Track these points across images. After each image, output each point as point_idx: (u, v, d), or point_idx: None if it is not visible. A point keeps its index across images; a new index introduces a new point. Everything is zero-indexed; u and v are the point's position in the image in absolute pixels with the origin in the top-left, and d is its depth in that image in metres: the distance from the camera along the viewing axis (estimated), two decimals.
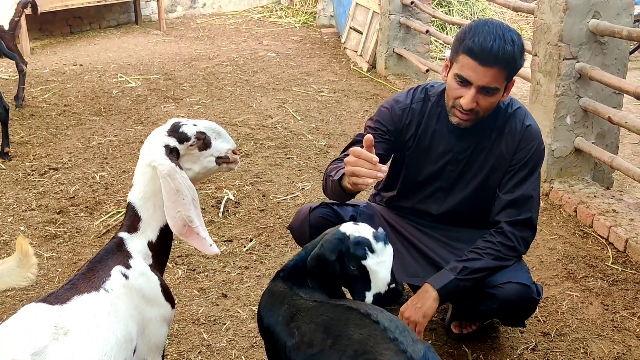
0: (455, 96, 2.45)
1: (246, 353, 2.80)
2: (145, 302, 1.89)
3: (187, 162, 1.98)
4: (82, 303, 1.69)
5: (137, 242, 1.95)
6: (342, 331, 1.71)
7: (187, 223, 1.93)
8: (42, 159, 4.87)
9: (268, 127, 5.59)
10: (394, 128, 2.65)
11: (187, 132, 1.96)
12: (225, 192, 4.30)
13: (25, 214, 4.01)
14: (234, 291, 3.25)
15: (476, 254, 2.53)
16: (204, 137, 1.99)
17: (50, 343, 1.52)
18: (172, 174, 1.89)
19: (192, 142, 1.96)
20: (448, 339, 2.92)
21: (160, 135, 1.96)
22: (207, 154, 2.01)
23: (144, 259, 1.94)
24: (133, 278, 1.87)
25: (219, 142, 2.04)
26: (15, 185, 4.42)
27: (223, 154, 2.05)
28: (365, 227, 2.02)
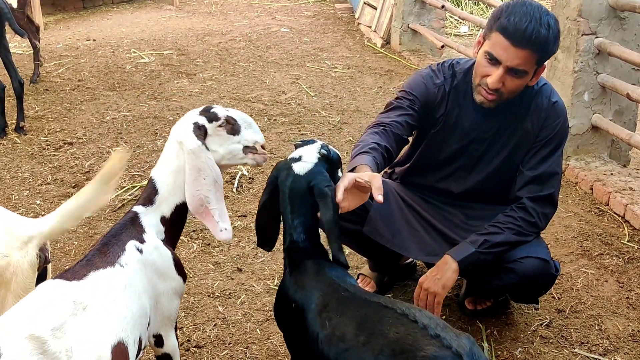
0: (483, 74, 2.42)
1: (261, 326, 2.82)
2: (158, 276, 1.90)
3: (214, 144, 1.98)
4: (98, 278, 1.70)
5: (151, 217, 1.96)
6: (375, 329, 1.64)
7: (204, 203, 1.94)
8: (57, 134, 4.89)
9: (281, 103, 5.57)
10: (427, 105, 2.62)
11: (217, 112, 1.98)
12: (239, 168, 4.30)
13: (40, 188, 4.03)
14: (248, 265, 3.26)
15: (497, 228, 2.52)
16: (234, 122, 2.01)
17: (69, 319, 1.52)
18: (197, 151, 1.91)
19: (221, 123, 1.97)
20: (462, 315, 2.92)
21: (192, 114, 2.00)
22: (234, 139, 2.01)
23: (157, 233, 1.96)
24: (147, 252, 1.88)
25: (249, 132, 2.05)
26: (31, 160, 4.45)
27: (251, 144, 2.05)
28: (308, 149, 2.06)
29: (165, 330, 1.98)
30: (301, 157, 2.00)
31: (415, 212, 2.79)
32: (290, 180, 1.98)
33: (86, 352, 1.51)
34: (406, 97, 2.62)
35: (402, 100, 2.62)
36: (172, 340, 2.01)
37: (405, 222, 2.76)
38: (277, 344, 2.70)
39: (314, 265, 1.94)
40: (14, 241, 1.80)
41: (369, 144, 2.42)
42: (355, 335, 1.66)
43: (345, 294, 1.81)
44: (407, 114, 2.57)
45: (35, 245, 1.82)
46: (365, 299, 1.78)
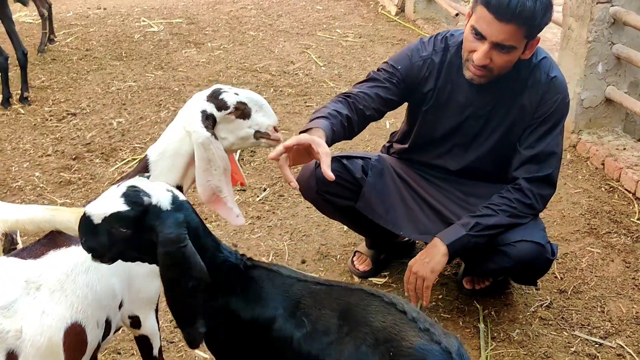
0: (469, 49, 2.30)
1: None
2: None
3: (223, 131, 1.90)
4: (57, 257, 1.64)
5: None
6: (360, 317, 1.53)
7: (216, 192, 1.89)
8: (61, 104, 4.85)
9: (289, 73, 5.46)
10: (410, 79, 2.52)
11: (226, 100, 1.88)
12: None
13: (41, 160, 4.01)
14: (244, 241, 3.21)
15: (491, 210, 2.42)
16: (244, 107, 1.90)
17: (21, 298, 1.48)
18: (206, 144, 1.83)
19: (230, 111, 1.88)
20: (460, 294, 2.85)
21: (199, 100, 1.90)
22: (245, 124, 1.91)
23: None
24: None
25: (260, 115, 1.93)
26: (33, 131, 4.42)
27: (263, 129, 1.94)
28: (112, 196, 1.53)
29: (143, 312, 1.91)
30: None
31: (410, 189, 2.71)
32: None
33: (37, 333, 1.46)
34: (386, 70, 2.51)
35: (381, 73, 2.51)
36: (151, 322, 1.95)
37: (400, 198, 2.68)
38: None
39: (260, 272, 1.68)
40: None
41: (330, 110, 2.33)
42: (339, 327, 1.54)
43: (317, 286, 1.64)
44: (382, 87, 2.47)
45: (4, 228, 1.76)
46: (347, 287, 1.65)
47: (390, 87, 2.49)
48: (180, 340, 2.59)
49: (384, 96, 2.49)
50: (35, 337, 1.45)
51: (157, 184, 1.52)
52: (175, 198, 1.51)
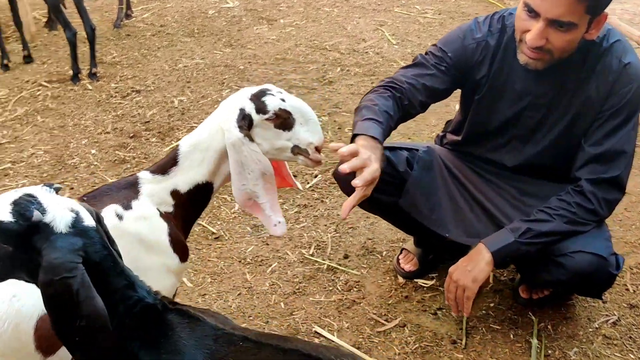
0: (522, 29, 2.01)
1: (286, 299, 2.62)
2: (144, 248, 1.71)
3: (258, 136, 1.75)
4: None
5: (156, 186, 1.77)
6: None
7: (252, 197, 1.78)
8: (128, 81, 4.85)
9: (359, 52, 5.22)
10: (462, 64, 2.26)
11: (267, 104, 1.72)
12: None
13: (99, 137, 4.00)
14: (288, 231, 3.05)
15: (546, 214, 2.14)
16: (287, 116, 1.74)
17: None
18: (237, 145, 1.71)
19: (269, 117, 1.72)
20: (514, 304, 2.58)
21: (242, 97, 1.76)
22: (283, 136, 1.76)
23: (158, 204, 1.77)
24: (128, 220, 1.69)
25: (303, 129, 1.76)
26: (97, 107, 4.43)
27: (303, 145, 1.78)
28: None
29: None
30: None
31: (460, 186, 2.45)
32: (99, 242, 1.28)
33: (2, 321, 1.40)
34: (434, 54, 2.25)
35: (429, 57, 2.26)
36: None
37: (447, 196, 2.43)
38: (299, 321, 2.50)
39: (180, 318, 1.34)
40: None
41: (382, 110, 2.11)
42: None
43: (246, 344, 1.31)
44: (429, 75, 2.22)
45: None
46: (279, 347, 1.30)
47: (439, 74, 2.24)
48: None
49: (431, 86, 2.24)
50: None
51: (63, 200, 1.24)
52: (77, 221, 1.21)
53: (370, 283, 2.71)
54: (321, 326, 2.47)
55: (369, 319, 2.51)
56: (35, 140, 3.99)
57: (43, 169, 3.64)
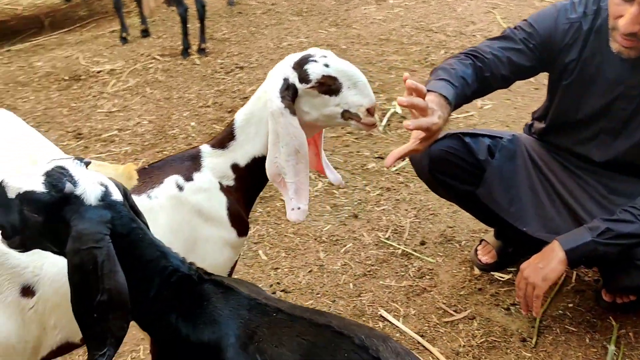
0: (615, 14, 1.86)
1: (356, 281, 2.62)
2: (202, 219, 1.75)
3: (305, 105, 1.70)
4: None
5: (217, 159, 1.78)
6: None
7: (281, 173, 1.73)
8: (234, 57, 4.99)
9: (466, 35, 5.06)
10: (550, 44, 2.13)
11: (310, 73, 1.66)
12: (393, 105, 4.01)
13: (200, 110, 4.16)
14: (366, 212, 3.04)
15: (631, 214, 2.00)
16: (332, 82, 1.66)
17: None
18: (276, 115, 1.67)
19: (313, 85, 1.66)
20: (595, 306, 2.43)
21: (286, 66, 1.71)
22: (331, 102, 1.68)
23: (219, 178, 1.78)
24: (188, 192, 1.72)
25: (352, 93, 1.68)
26: (202, 81, 4.60)
27: (353, 109, 1.69)
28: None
29: None
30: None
31: (544, 178, 2.33)
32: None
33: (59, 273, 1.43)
34: (524, 29, 2.13)
35: (518, 32, 2.13)
36: None
37: (529, 188, 2.32)
38: (365, 303, 2.49)
39: (215, 288, 1.38)
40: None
41: (459, 75, 2.02)
42: None
43: (280, 315, 1.33)
44: (515, 49, 2.10)
45: None
46: (313, 321, 1.31)
47: (526, 51, 2.12)
48: None
49: (517, 61, 2.13)
50: (56, 277, 1.43)
51: (94, 175, 1.27)
52: (106, 195, 1.24)
53: (444, 272, 2.64)
54: (387, 310, 2.45)
55: (437, 308, 2.46)
56: (142, 110, 4.21)
57: (145, 138, 3.84)
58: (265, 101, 1.72)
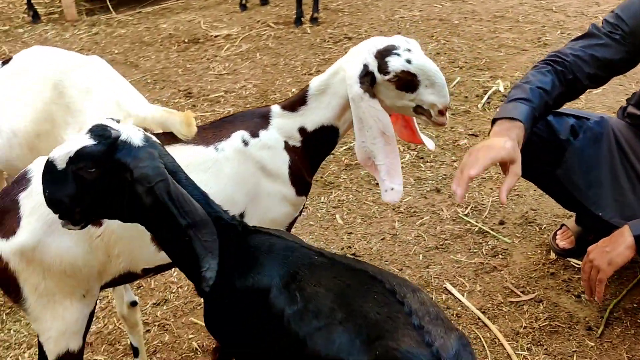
0: None
1: (427, 253, 2.63)
2: (265, 174, 1.82)
3: (382, 93, 1.73)
4: (178, 151, 1.68)
5: (285, 120, 1.83)
6: (357, 305, 1.30)
7: (370, 156, 1.77)
8: (344, 28, 5.05)
9: (587, 15, 4.80)
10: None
11: (390, 65, 1.66)
12: (497, 83, 3.92)
13: (302, 77, 4.27)
14: (449, 188, 3.02)
15: None
16: (411, 78, 1.67)
17: None
18: (356, 100, 1.70)
19: (390, 78, 1.68)
20: None
21: (368, 51, 1.71)
22: (406, 97, 1.71)
23: (285, 137, 1.83)
24: (253, 147, 1.80)
25: (428, 92, 1.70)
26: (309, 50, 4.70)
27: (425, 106, 1.72)
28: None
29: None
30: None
31: (628, 164, 2.22)
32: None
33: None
34: (608, 21, 2.04)
35: (602, 26, 2.05)
36: None
37: (610, 172, 2.22)
38: (432, 274, 2.51)
39: (260, 235, 1.47)
40: (117, 113, 1.90)
41: (534, 85, 1.99)
42: (332, 311, 1.31)
43: (320, 259, 1.41)
44: (598, 45, 2.02)
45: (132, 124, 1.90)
46: (350, 266, 1.39)
47: (611, 44, 2.03)
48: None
49: (601, 57, 2.05)
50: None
51: (126, 125, 1.36)
52: (147, 137, 1.34)
53: (519, 253, 2.59)
54: (453, 284, 2.45)
55: (504, 288, 2.43)
56: (249, 75, 4.39)
57: (248, 100, 4.01)
58: (342, 77, 1.75)
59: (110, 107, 1.86)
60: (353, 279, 1.35)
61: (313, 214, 2.92)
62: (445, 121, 1.77)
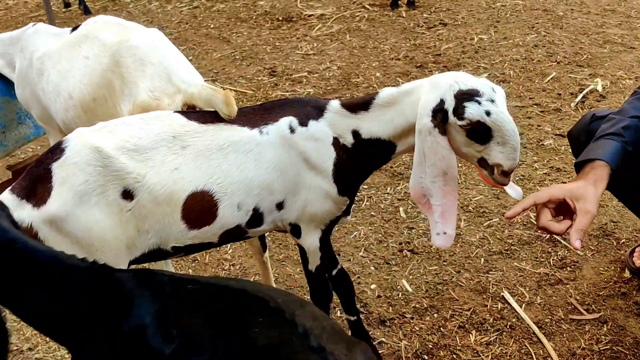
0: None
1: (490, 257, 2.50)
2: (308, 166, 1.73)
3: (451, 134, 1.61)
4: (221, 130, 1.66)
5: (341, 118, 1.73)
6: (241, 331, 1.17)
7: (427, 194, 1.65)
8: (440, 13, 4.88)
9: None
10: None
11: (467, 111, 1.55)
12: (595, 82, 3.64)
13: (389, 62, 4.16)
14: (526, 190, 2.84)
15: None
16: (484, 131, 1.55)
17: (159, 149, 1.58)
18: (424, 133, 1.59)
19: (463, 125, 1.56)
20: None
21: (449, 86, 1.59)
22: (474, 146, 1.59)
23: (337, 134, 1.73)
24: (299, 136, 1.71)
25: (498, 149, 1.57)
26: (400, 34, 4.58)
27: (490, 162, 1.60)
28: None
29: (306, 225, 1.80)
30: None
31: None
32: None
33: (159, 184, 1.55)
34: None
35: None
36: (311, 239, 1.82)
37: None
38: (491, 280, 2.37)
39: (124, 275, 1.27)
40: (169, 87, 1.90)
41: (625, 120, 1.78)
42: (213, 341, 1.17)
43: (194, 286, 1.26)
44: None
45: (181, 100, 1.88)
46: (227, 287, 1.26)
47: None
48: None
49: None
50: (155, 187, 1.55)
51: None
52: None
53: (590, 267, 2.40)
54: (512, 293, 2.31)
55: (567, 303, 2.26)
56: (335, 56, 4.33)
57: (329, 83, 3.96)
58: (414, 100, 1.65)
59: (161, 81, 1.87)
60: (233, 302, 1.23)
61: (376, 204, 2.84)
62: (506, 182, 1.63)
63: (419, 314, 2.26)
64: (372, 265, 2.50)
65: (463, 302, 2.30)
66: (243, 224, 1.71)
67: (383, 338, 2.17)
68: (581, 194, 1.61)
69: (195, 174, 1.62)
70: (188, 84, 1.84)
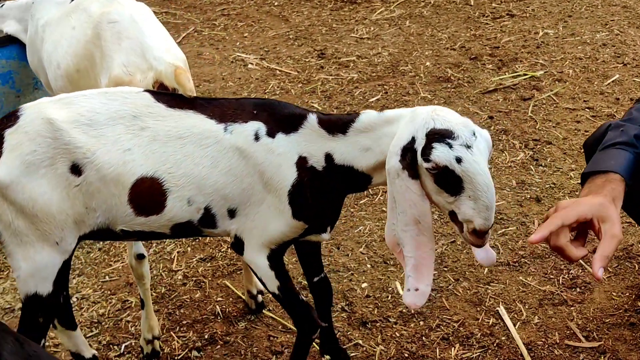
0: None
1: (495, 268, 2.35)
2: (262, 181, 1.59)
3: (422, 178, 1.44)
4: (186, 117, 1.58)
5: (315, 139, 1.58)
6: None
7: (400, 243, 1.48)
8: (511, 3, 4.62)
9: None
10: None
11: (432, 153, 1.37)
12: None
13: (443, 52, 3.98)
14: (552, 199, 2.65)
15: None
16: (454, 180, 1.37)
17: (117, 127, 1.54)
18: (392, 174, 1.43)
19: (429, 168, 1.38)
20: None
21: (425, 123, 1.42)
22: (442, 196, 1.41)
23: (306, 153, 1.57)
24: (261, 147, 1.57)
25: (469, 205, 1.38)
26: (462, 23, 4.37)
27: (460, 217, 1.41)
28: None
29: (251, 242, 1.65)
30: None
31: None
32: None
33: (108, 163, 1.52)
34: None
35: None
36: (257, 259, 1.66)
37: None
38: (490, 293, 2.23)
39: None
40: (143, 63, 1.85)
41: (636, 128, 1.61)
42: None
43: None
44: None
45: (153, 77, 1.83)
46: None
47: None
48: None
49: None
50: (103, 165, 1.52)
51: None
52: None
53: (602, 290, 2.21)
54: (508, 309, 2.16)
55: (566, 327, 2.08)
56: (389, 42, 4.19)
57: (376, 69, 3.84)
58: (394, 129, 1.49)
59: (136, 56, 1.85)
60: None
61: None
62: (478, 243, 1.44)
63: (403, 320, 2.15)
64: (369, 263, 2.41)
65: (453, 313, 2.17)
66: (195, 221, 1.62)
67: (360, 340, 2.09)
68: (608, 215, 1.44)
69: (148, 159, 1.56)
70: (159, 61, 1.81)
